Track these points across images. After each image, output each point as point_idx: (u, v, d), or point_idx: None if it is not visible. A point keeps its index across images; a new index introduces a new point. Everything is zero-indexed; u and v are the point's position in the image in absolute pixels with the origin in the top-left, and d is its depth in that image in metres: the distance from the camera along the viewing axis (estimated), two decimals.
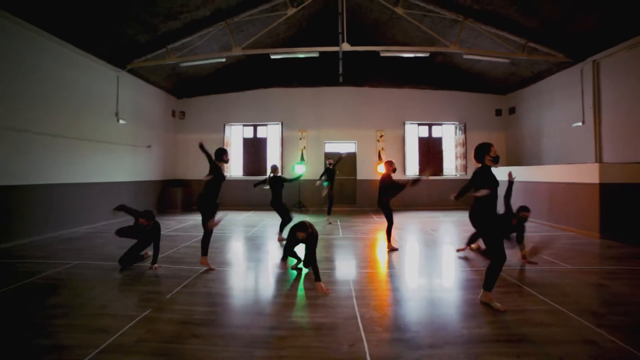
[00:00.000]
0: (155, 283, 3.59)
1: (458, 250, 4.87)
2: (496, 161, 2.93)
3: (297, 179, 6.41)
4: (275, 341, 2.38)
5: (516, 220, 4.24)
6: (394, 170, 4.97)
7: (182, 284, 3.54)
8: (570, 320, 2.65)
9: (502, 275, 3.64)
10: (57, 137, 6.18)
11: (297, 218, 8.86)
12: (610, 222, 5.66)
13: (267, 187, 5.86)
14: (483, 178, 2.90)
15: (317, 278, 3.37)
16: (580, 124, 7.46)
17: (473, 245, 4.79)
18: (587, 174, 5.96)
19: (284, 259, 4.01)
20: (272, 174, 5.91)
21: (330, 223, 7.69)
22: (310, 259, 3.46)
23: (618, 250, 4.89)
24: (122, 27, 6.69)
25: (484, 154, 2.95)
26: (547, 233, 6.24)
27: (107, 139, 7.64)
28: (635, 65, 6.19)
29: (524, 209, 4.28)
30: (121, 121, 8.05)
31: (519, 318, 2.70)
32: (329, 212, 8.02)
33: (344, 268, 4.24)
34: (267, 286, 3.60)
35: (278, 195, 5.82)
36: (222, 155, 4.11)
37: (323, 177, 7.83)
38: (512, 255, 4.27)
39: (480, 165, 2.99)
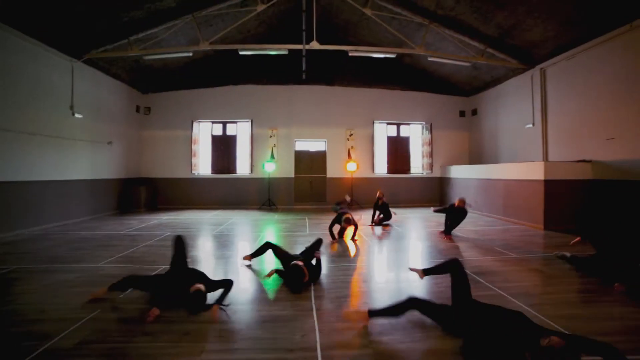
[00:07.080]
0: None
1: None
2: None
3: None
4: (228, 334, 2.38)
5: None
6: None
7: None
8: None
9: None
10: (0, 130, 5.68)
11: (267, 216, 8.74)
12: (553, 215, 6.20)
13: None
14: None
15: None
16: (531, 125, 8.08)
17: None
18: (534, 171, 6.48)
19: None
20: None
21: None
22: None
23: (558, 240, 5.37)
24: (76, 13, 6.28)
25: None
26: (500, 227, 6.70)
27: (60, 134, 7.14)
28: (575, 74, 6.81)
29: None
30: (77, 115, 7.55)
31: None
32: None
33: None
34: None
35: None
36: None
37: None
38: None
39: None
